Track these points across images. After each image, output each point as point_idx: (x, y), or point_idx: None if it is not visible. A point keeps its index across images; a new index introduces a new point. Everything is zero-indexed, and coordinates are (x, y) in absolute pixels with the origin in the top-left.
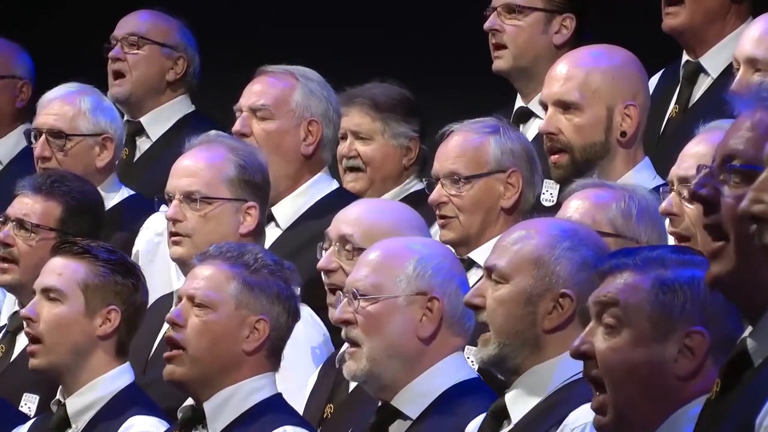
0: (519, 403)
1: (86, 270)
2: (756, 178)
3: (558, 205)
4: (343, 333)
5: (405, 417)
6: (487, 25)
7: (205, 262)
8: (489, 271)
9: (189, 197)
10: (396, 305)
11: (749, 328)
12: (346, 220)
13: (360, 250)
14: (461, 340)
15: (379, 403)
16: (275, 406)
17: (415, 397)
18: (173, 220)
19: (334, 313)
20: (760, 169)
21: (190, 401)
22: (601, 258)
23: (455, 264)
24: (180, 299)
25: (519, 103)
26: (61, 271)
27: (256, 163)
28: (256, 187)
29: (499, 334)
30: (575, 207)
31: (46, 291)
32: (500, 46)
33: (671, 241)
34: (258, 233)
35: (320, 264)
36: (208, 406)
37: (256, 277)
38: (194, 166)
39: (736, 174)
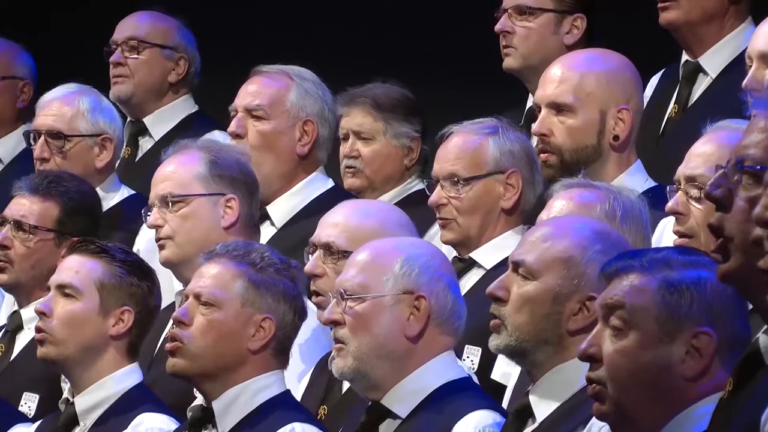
0: (544, 402)
1: (103, 269)
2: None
3: (542, 205)
4: (331, 333)
5: (395, 416)
6: (497, 26)
7: (211, 260)
8: (516, 265)
9: (164, 201)
10: (383, 304)
11: (764, 327)
12: (329, 226)
13: (346, 253)
14: (450, 339)
15: (369, 403)
16: (284, 404)
17: (405, 396)
18: (154, 227)
19: (321, 315)
20: None
21: (199, 401)
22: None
23: (444, 263)
24: (186, 297)
25: (531, 103)
26: (78, 268)
27: (230, 158)
28: (233, 180)
29: (520, 330)
30: (559, 207)
31: (62, 287)
32: (511, 47)
33: (672, 239)
34: (246, 226)
35: (307, 268)
36: (216, 405)
37: (262, 276)
38: (168, 171)
39: (748, 175)
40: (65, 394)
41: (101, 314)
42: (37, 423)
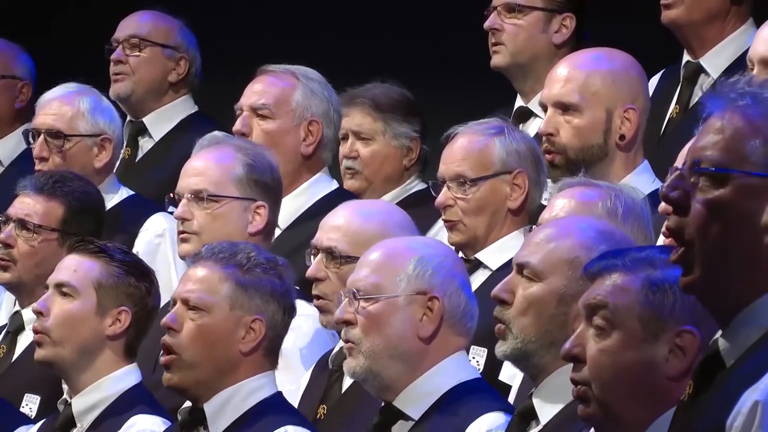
0: (548, 404)
1: (101, 269)
2: (726, 181)
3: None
4: (342, 333)
5: (407, 417)
6: (486, 24)
7: (197, 263)
8: (521, 267)
9: (197, 196)
10: (396, 305)
11: (721, 330)
12: (330, 230)
13: (348, 258)
14: (463, 340)
15: (382, 404)
16: (276, 406)
17: (418, 397)
18: (182, 219)
19: (323, 319)
20: (729, 171)
21: (188, 402)
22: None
23: (457, 263)
24: (175, 302)
25: (519, 102)
26: (76, 267)
27: (265, 163)
28: (266, 187)
29: (525, 332)
30: (561, 205)
31: (60, 286)
32: (499, 45)
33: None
34: (269, 233)
35: (309, 273)
36: (208, 408)
37: (250, 277)
38: (203, 166)
39: (705, 177)
40: (64, 395)
41: (98, 314)
42: (39, 424)
